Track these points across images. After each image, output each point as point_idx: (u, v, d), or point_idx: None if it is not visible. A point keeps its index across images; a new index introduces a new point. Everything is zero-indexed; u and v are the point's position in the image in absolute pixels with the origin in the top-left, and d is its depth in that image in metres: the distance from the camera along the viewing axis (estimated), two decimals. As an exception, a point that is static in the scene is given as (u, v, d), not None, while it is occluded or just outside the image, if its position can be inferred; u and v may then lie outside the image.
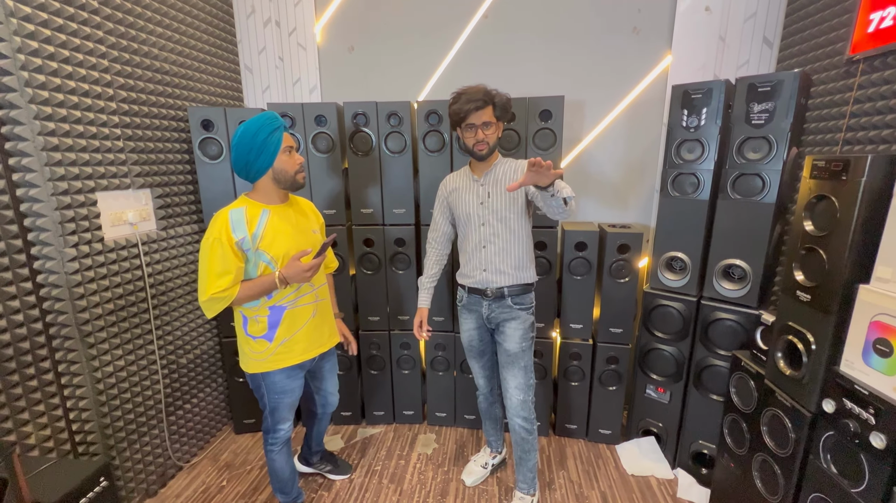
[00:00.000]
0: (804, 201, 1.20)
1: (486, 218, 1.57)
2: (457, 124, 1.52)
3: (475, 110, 1.46)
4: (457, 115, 1.49)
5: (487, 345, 1.76)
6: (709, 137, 1.73)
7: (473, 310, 1.69)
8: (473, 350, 1.77)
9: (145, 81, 1.77)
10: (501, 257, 1.58)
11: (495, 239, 1.57)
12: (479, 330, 1.72)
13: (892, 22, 1.41)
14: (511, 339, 1.62)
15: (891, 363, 0.96)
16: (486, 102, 1.46)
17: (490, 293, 1.60)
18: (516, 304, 1.61)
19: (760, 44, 2.02)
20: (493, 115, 1.49)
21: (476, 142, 1.50)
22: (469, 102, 1.45)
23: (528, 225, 1.60)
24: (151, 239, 1.82)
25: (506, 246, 1.57)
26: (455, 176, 1.68)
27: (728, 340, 1.75)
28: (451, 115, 1.51)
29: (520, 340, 1.61)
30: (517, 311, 1.61)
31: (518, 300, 1.61)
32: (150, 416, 1.82)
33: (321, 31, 2.34)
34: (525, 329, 1.62)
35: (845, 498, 1.04)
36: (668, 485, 1.93)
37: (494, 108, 1.49)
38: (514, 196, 1.55)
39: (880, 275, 1.01)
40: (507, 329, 1.62)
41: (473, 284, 1.64)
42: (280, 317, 1.41)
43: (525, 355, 1.63)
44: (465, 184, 1.63)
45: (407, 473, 2.02)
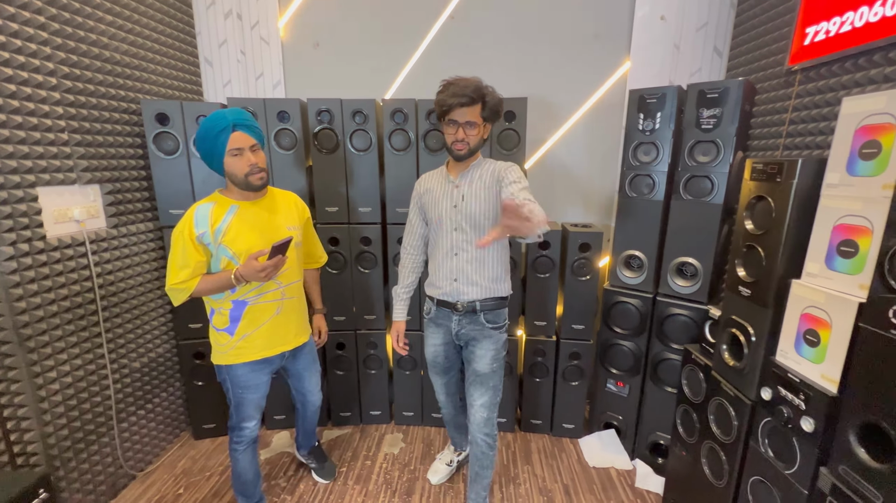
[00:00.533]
0: (745, 201, 1.27)
1: (459, 222, 1.44)
2: (440, 117, 1.39)
3: (459, 106, 1.32)
4: (440, 107, 1.36)
5: (454, 363, 1.66)
6: (663, 140, 1.81)
7: (441, 325, 1.57)
8: (438, 367, 1.66)
9: (93, 71, 1.68)
10: (474, 266, 1.45)
11: (468, 246, 1.44)
12: (445, 346, 1.60)
13: (825, 36, 1.52)
14: (481, 360, 1.51)
15: (818, 352, 1.03)
16: (473, 100, 1.32)
17: (461, 307, 1.48)
18: (489, 323, 1.49)
19: (711, 53, 2.12)
20: (480, 115, 1.36)
21: (455, 140, 1.38)
22: (455, 97, 1.31)
23: None
24: (100, 237, 1.73)
25: (479, 254, 1.45)
26: (430, 176, 1.57)
27: (681, 335, 1.83)
28: (436, 105, 1.38)
29: (491, 361, 1.50)
30: (489, 331, 1.50)
31: (491, 317, 1.49)
32: (98, 424, 1.73)
33: (285, 25, 2.29)
34: (497, 349, 1.51)
35: (780, 479, 1.11)
36: (628, 475, 2.00)
37: (483, 108, 1.35)
38: (490, 201, 1.41)
39: (810, 271, 1.08)
40: (478, 349, 1.51)
41: (442, 296, 1.51)
42: (241, 312, 1.42)
43: (495, 376, 1.53)
44: (439, 184, 1.51)
45: (373, 474, 2.01)
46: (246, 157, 1.33)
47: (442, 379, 1.71)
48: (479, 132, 1.38)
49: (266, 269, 1.28)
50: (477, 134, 1.38)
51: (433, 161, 2.00)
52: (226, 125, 1.30)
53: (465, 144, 1.38)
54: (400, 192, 2.05)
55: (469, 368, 1.56)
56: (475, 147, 1.41)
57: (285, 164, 2.01)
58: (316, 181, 2.05)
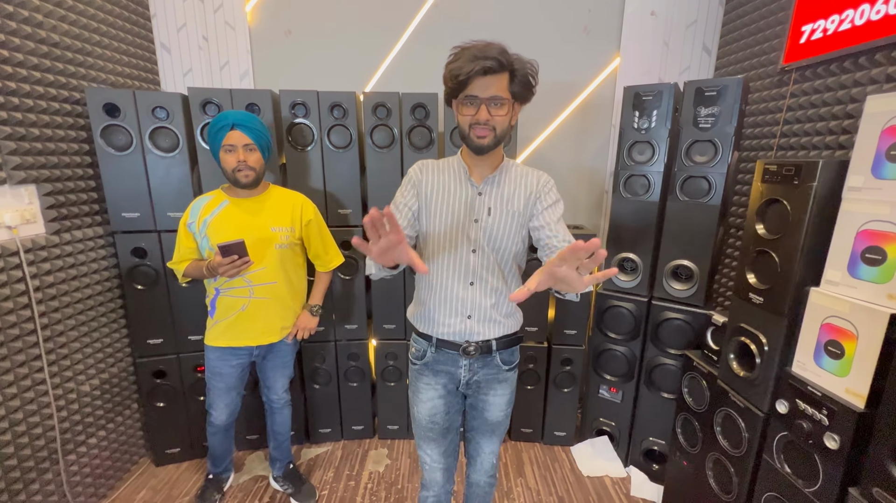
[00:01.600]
0: (755, 205, 1.21)
1: (480, 243, 1.08)
2: (453, 94, 1.01)
3: (482, 74, 0.95)
4: (454, 79, 0.97)
5: (455, 419, 1.25)
6: (659, 139, 1.75)
7: (442, 372, 1.18)
8: (436, 429, 1.21)
9: (25, 54, 1.45)
10: (494, 300, 1.12)
11: (487, 275, 1.10)
12: (446, 398, 1.20)
13: (822, 34, 1.49)
14: (496, 408, 1.21)
15: (842, 365, 0.98)
16: (501, 65, 0.95)
17: (473, 349, 1.12)
18: (505, 364, 1.19)
19: (700, 51, 2.09)
20: (508, 90, 0.99)
21: (476, 123, 0.99)
22: (475, 61, 0.94)
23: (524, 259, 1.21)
24: (38, 245, 1.50)
25: (500, 286, 1.12)
26: (437, 167, 1.14)
27: (677, 339, 1.79)
28: (447, 77, 1.00)
29: (505, 407, 1.23)
30: (505, 373, 1.20)
31: (507, 356, 1.19)
32: (39, 459, 1.51)
33: (253, 10, 2.09)
34: (511, 392, 1.24)
35: (799, 497, 1.06)
36: (622, 483, 1.95)
37: (512, 80, 0.98)
38: (518, 221, 1.09)
39: (830, 279, 1.03)
40: (491, 396, 1.20)
41: (448, 336, 1.13)
42: (216, 301, 1.55)
43: (507, 420, 1.27)
44: (453, 184, 1.11)
45: (357, 495, 1.86)
46: (237, 153, 1.42)
47: (440, 445, 1.24)
48: (507, 112, 1.00)
49: (221, 266, 1.35)
50: (505, 115, 1.00)
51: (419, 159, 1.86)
52: (226, 123, 1.41)
53: (490, 130, 1.00)
54: (383, 193, 1.91)
55: (478, 418, 1.25)
56: (502, 135, 1.03)
57: (256, 161, 1.82)
58: (290, 180, 1.87)
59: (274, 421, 1.78)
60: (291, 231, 1.55)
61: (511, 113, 1.02)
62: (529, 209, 1.10)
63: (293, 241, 1.56)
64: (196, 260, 1.52)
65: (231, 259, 1.34)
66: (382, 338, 2.08)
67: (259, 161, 1.46)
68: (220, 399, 1.63)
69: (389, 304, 2.03)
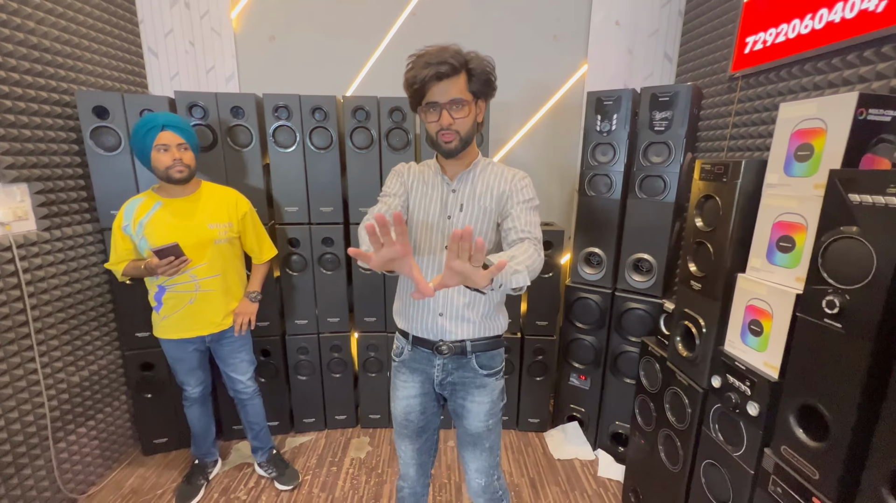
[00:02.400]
0: (695, 200, 1.34)
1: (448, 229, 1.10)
2: (416, 102, 1.04)
3: (437, 80, 0.97)
4: (411, 87, 1.00)
5: (431, 420, 1.24)
6: (619, 141, 1.88)
7: (418, 370, 1.19)
8: (410, 426, 1.22)
9: (18, 58, 1.53)
10: (467, 299, 1.11)
11: None
12: (422, 398, 1.20)
13: (763, 46, 1.63)
14: (473, 417, 1.16)
15: (761, 341, 1.11)
16: (455, 68, 0.98)
17: (446, 349, 1.12)
18: (483, 368, 1.15)
19: (662, 58, 2.23)
20: (468, 90, 1.01)
21: (441, 129, 1.02)
22: (428, 67, 0.96)
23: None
24: (30, 241, 1.58)
25: None
26: (419, 168, 1.19)
27: (638, 328, 1.92)
28: (406, 86, 1.02)
29: (485, 417, 1.16)
30: (483, 378, 1.15)
31: (485, 360, 1.15)
32: (31, 446, 1.58)
33: (238, 16, 2.18)
34: (493, 401, 1.17)
35: (729, 461, 1.19)
36: (591, 465, 2.07)
37: (470, 79, 1.01)
38: (490, 216, 1.10)
39: (753, 265, 1.16)
40: (468, 402, 1.16)
41: (422, 333, 1.14)
42: (162, 296, 1.60)
43: (491, 434, 1.19)
44: (430, 182, 1.15)
45: (339, 480, 1.96)
46: (171, 152, 1.48)
47: (414, 443, 1.24)
48: (469, 113, 1.03)
49: (160, 267, 1.41)
50: (467, 115, 1.03)
51: (396, 160, 1.97)
52: (155, 125, 1.47)
53: (455, 134, 1.03)
54: (363, 191, 2.01)
55: (459, 426, 1.21)
56: (468, 136, 1.05)
57: (240, 161, 1.91)
58: (274, 180, 1.97)
59: (246, 412, 1.85)
60: (229, 226, 1.62)
61: (474, 112, 1.05)
62: (501, 206, 1.10)
63: (231, 235, 1.64)
64: (134, 260, 1.55)
65: (168, 260, 1.41)
66: (364, 330, 2.18)
67: (192, 159, 1.54)
68: (187, 377, 1.73)
69: (370, 298, 2.13)
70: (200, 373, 1.76)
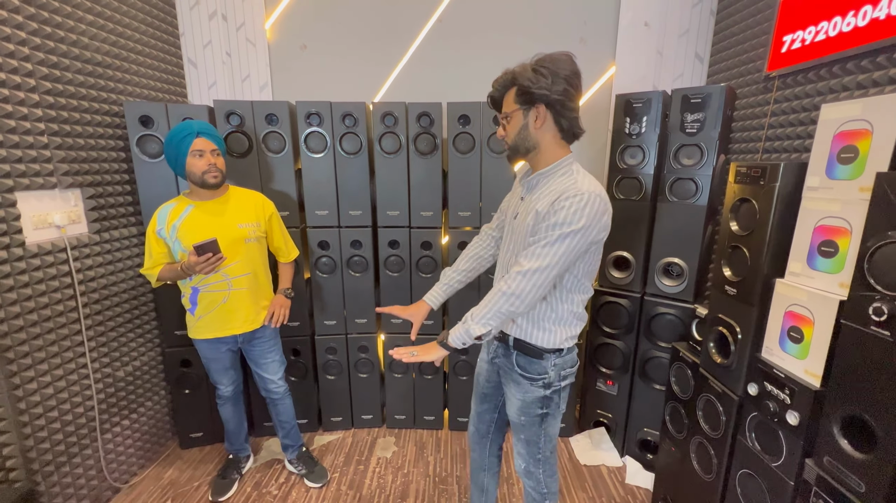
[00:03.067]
0: (730, 204, 1.31)
1: (511, 242, 1.18)
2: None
3: (492, 104, 1.18)
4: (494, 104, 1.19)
5: (492, 393, 1.35)
6: (649, 144, 1.85)
7: (489, 346, 1.32)
8: (478, 388, 1.39)
9: (73, 72, 1.63)
10: None
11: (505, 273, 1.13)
12: (489, 367, 1.32)
13: (801, 44, 1.58)
14: (510, 405, 1.25)
15: (802, 348, 1.08)
16: (505, 87, 1.11)
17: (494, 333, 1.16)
18: (520, 368, 1.19)
19: (693, 59, 2.19)
20: (514, 101, 1.09)
21: (499, 139, 1.17)
22: (494, 86, 1.14)
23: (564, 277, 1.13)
24: (82, 243, 1.68)
25: None
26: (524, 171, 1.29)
27: (668, 333, 1.88)
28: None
29: (517, 412, 1.22)
30: (518, 376, 1.20)
31: (523, 363, 1.18)
32: (81, 436, 1.68)
33: (272, 27, 2.27)
34: (524, 402, 1.20)
35: (767, 471, 1.15)
36: (618, 472, 2.04)
37: (517, 91, 1.07)
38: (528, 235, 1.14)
39: (793, 270, 1.13)
40: (508, 390, 1.26)
41: None
42: (196, 298, 1.66)
43: (526, 429, 1.24)
44: (516, 184, 1.29)
45: (366, 478, 1.99)
46: (206, 158, 1.55)
47: (477, 406, 1.40)
48: (516, 122, 1.10)
49: (198, 264, 1.45)
50: (514, 125, 1.10)
51: (423, 164, 2.01)
52: (191, 132, 1.54)
53: (504, 143, 1.17)
54: (391, 195, 2.05)
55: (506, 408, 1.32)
56: (516, 142, 1.12)
57: (274, 167, 1.98)
58: (305, 184, 2.03)
59: (278, 412, 1.91)
60: (257, 226, 1.69)
61: (522, 121, 1.09)
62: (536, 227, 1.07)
63: (259, 234, 1.70)
64: (168, 263, 1.60)
65: (206, 257, 1.44)
66: (390, 331, 2.22)
67: (224, 165, 1.62)
68: (220, 376, 1.80)
69: (397, 300, 2.16)
70: (233, 372, 1.83)
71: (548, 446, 1.26)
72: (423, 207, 2.06)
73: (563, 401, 1.24)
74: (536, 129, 1.09)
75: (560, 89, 1.03)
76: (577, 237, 1.02)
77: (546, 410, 1.20)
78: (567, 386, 1.23)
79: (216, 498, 1.84)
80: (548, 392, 1.19)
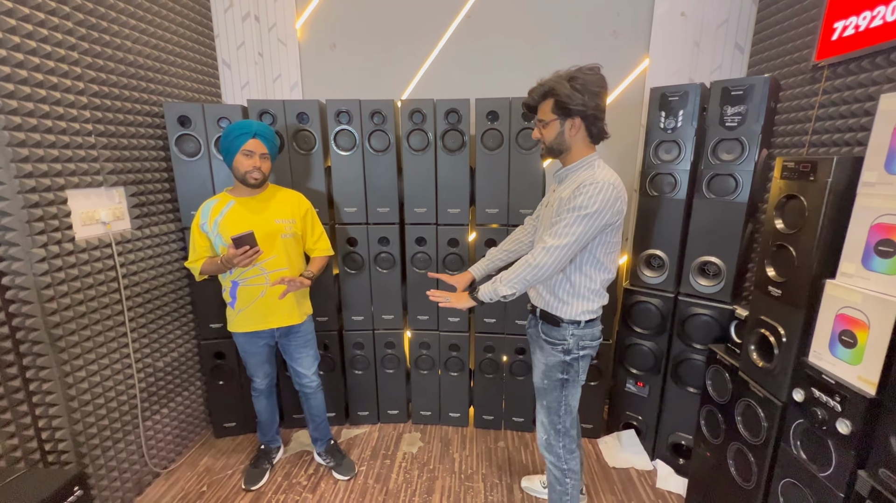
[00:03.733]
0: (775, 200, 1.25)
1: (541, 222, 1.41)
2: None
3: (533, 105, 1.34)
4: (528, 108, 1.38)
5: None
6: (685, 138, 1.79)
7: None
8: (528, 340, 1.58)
9: (118, 75, 1.70)
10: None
11: None
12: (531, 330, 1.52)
13: (854, 31, 1.49)
14: (535, 369, 1.46)
15: (855, 353, 1.02)
16: (543, 96, 1.29)
17: (530, 306, 1.48)
18: (545, 335, 1.40)
19: (732, 49, 2.10)
20: (551, 111, 1.28)
21: (534, 139, 1.42)
22: (530, 95, 1.32)
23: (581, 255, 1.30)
24: (126, 238, 1.76)
25: None
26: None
27: (703, 334, 1.82)
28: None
29: (541, 376, 1.41)
30: (543, 342, 1.40)
31: (546, 330, 1.39)
32: (125, 422, 1.76)
33: (302, 27, 2.30)
34: (547, 366, 1.39)
35: (814, 482, 1.10)
36: (648, 476, 1.99)
37: (555, 103, 1.25)
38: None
39: (845, 271, 1.06)
40: (535, 356, 1.48)
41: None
42: (236, 291, 1.71)
43: (548, 394, 1.41)
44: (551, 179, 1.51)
45: (392, 473, 2.01)
46: (254, 159, 1.60)
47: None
48: (553, 129, 1.29)
49: (235, 256, 1.49)
50: (550, 131, 1.30)
51: (451, 161, 2.00)
52: (248, 131, 1.58)
53: (541, 143, 1.36)
54: (418, 193, 2.05)
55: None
56: (553, 145, 1.32)
57: (304, 164, 2.02)
58: (335, 182, 2.06)
59: (310, 405, 1.95)
60: (293, 223, 1.72)
61: (558, 128, 1.29)
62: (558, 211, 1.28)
63: (295, 231, 1.73)
64: (210, 257, 1.66)
65: (244, 249, 1.48)
66: (416, 328, 2.23)
67: (268, 168, 1.66)
68: (257, 369, 1.86)
69: (423, 297, 2.17)
70: (268, 367, 1.88)
71: (567, 417, 1.42)
72: (451, 204, 2.05)
73: (583, 373, 1.40)
74: (571, 136, 1.29)
75: (594, 104, 1.24)
76: (592, 219, 1.21)
77: (566, 376, 1.37)
78: (587, 356, 1.39)
79: (249, 486, 1.90)
80: (567, 358, 1.36)
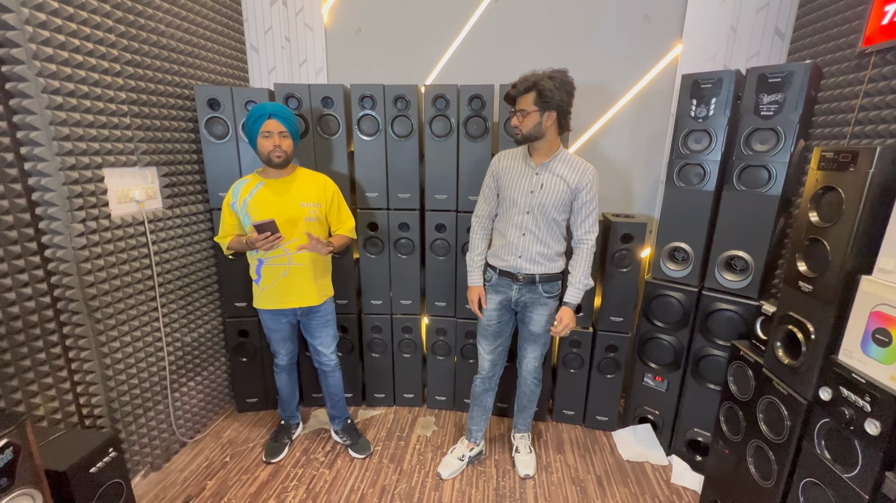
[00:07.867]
0: (810, 192, 1.20)
1: (532, 207, 1.60)
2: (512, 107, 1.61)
3: (515, 96, 1.52)
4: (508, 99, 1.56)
5: (505, 328, 1.79)
6: (717, 128, 1.73)
7: (501, 292, 1.73)
8: (490, 330, 1.78)
9: (152, 58, 1.75)
10: (538, 248, 1.62)
11: (536, 230, 1.61)
12: (500, 311, 1.75)
13: (907, 14, 1.40)
14: (537, 323, 1.72)
15: (889, 352, 0.98)
16: (527, 89, 1.47)
17: (521, 278, 1.66)
18: (546, 293, 1.68)
19: (772, 35, 2.00)
20: (533, 103, 1.48)
21: (513, 126, 1.57)
22: (514, 88, 1.51)
23: (560, 227, 1.66)
24: (157, 217, 1.82)
25: (545, 238, 1.62)
26: (509, 154, 1.68)
27: (727, 330, 1.77)
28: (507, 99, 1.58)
29: (545, 324, 1.72)
30: (545, 299, 1.68)
31: (548, 287, 1.67)
32: (154, 392, 1.85)
33: (328, 12, 2.31)
34: (550, 314, 1.71)
35: (838, 483, 1.07)
36: (663, 470, 1.97)
37: (538, 96, 1.46)
38: (562, 197, 1.58)
39: (883, 267, 1.02)
40: (534, 314, 1.71)
41: (506, 268, 1.68)
42: (260, 269, 1.76)
43: (544, 337, 1.76)
44: (518, 166, 1.63)
45: (406, 454, 2.06)
46: (273, 139, 1.63)
47: (492, 343, 1.81)
48: (533, 119, 1.49)
49: (257, 241, 1.55)
50: (530, 121, 1.50)
51: (474, 148, 1.99)
52: (264, 113, 1.61)
53: (518, 130, 1.55)
54: (439, 179, 2.05)
55: (524, 329, 1.78)
56: (529, 133, 1.53)
57: (328, 148, 2.04)
58: (357, 166, 2.08)
59: (328, 384, 2.00)
60: (318, 206, 1.75)
61: (538, 119, 1.50)
62: (570, 195, 1.59)
63: (320, 215, 1.76)
64: (238, 235, 1.73)
65: (265, 235, 1.54)
66: (434, 314, 2.25)
67: (290, 146, 1.67)
68: (280, 346, 1.92)
69: (441, 284, 2.19)
70: (290, 344, 1.94)
71: (549, 344, 1.85)
72: (472, 191, 2.05)
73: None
74: (547, 127, 1.52)
75: (567, 101, 1.51)
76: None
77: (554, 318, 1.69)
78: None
79: (269, 459, 1.97)
80: (558, 303, 1.71)
